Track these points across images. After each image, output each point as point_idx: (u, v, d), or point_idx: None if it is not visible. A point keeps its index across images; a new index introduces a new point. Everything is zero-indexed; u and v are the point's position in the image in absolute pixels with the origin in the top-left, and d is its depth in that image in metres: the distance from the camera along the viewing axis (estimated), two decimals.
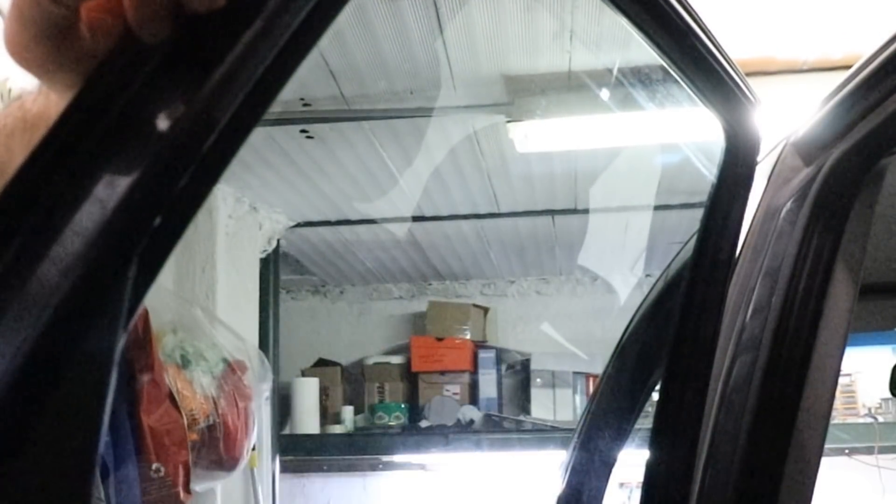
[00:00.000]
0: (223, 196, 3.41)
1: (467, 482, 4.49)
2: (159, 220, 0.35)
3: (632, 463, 1.17)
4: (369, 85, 2.62)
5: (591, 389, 4.43)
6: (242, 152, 0.39)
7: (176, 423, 2.59)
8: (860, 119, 0.93)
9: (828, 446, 0.95)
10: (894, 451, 3.98)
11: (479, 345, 4.81)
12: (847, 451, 3.99)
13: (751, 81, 0.90)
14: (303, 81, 2.55)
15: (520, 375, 4.80)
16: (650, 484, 0.96)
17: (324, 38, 0.42)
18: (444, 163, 3.23)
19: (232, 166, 0.39)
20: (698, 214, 0.96)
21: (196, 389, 2.79)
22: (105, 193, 0.34)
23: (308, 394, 4.46)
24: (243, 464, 3.05)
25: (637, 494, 0.97)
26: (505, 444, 4.35)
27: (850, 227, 0.96)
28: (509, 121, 2.71)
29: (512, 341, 4.96)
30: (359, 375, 4.84)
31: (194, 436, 2.72)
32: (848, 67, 0.96)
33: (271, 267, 3.97)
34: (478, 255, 4.61)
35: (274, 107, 0.40)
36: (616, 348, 1.33)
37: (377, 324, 5.12)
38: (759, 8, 2.30)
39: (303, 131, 2.95)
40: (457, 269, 4.87)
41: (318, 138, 3.01)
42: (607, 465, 1.30)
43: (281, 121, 2.80)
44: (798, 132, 1.07)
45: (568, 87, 2.62)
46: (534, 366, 4.64)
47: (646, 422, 1.11)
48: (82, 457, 0.36)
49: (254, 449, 3.24)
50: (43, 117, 0.49)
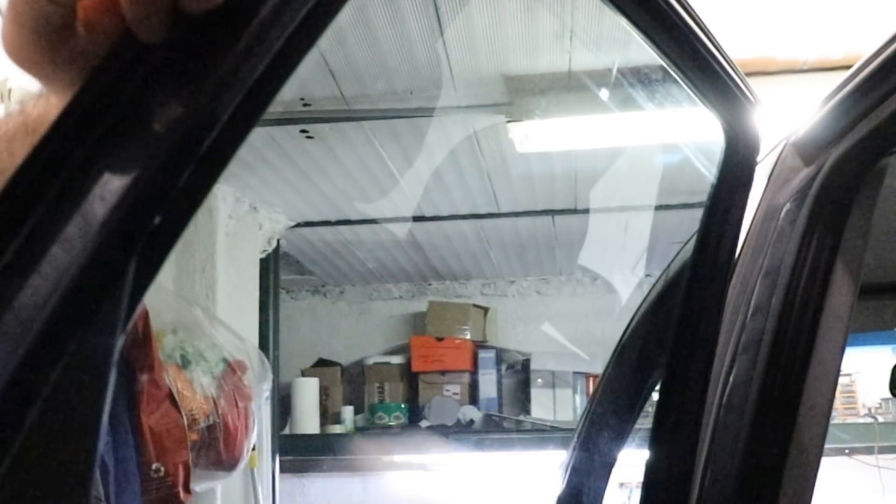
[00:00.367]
0: (223, 196, 3.41)
1: (467, 482, 4.49)
2: (158, 220, 0.35)
3: (632, 463, 1.17)
4: (369, 85, 2.62)
5: (591, 389, 4.42)
6: (242, 152, 0.39)
7: (176, 423, 2.59)
8: (860, 119, 0.93)
9: (828, 446, 0.95)
10: (894, 451, 3.98)
11: (479, 345, 4.81)
12: (847, 451, 3.99)
13: (751, 81, 0.90)
14: (303, 81, 2.55)
15: (520, 375, 4.80)
16: (650, 484, 0.96)
17: (324, 38, 0.42)
18: (444, 163, 3.23)
19: (232, 166, 0.39)
20: (698, 214, 0.96)
21: (196, 389, 2.79)
22: (104, 193, 0.34)
23: (308, 394, 4.46)
24: (243, 464, 3.05)
25: (637, 494, 0.97)
26: (505, 444, 4.35)
27: (850, 227, 0.96)
28: (509, 121, 2.71)
29: (512, 341, 4.96)
30: (359, 375, 4.84)
31: (194, 436, 2.72)
32: (848, 67, 0.96)
33: (271, 267, 3.97)
34: (478, 255, 4.61)
35: (274, 107, 0.40)
36: (616, 348, 1.33)
37: (377, 324, 5.12)
38: (759, 8, 2.30)
39: (303, 131, 2.95)
40: (457, 269, 4.87)
41: (318, 138, 3.01)
42: (607, 465, 1.30)
43: (281, 121, 2.80)
44: (798, 132, 1.07)
45: (568, 87, 2.62)
46: (534, 366, 4.64)
47: (646, 422, 1.11)
48: (82, 457, 0.37)
49: (254, 449, 3.24)
50: (44, 120, 0.49)
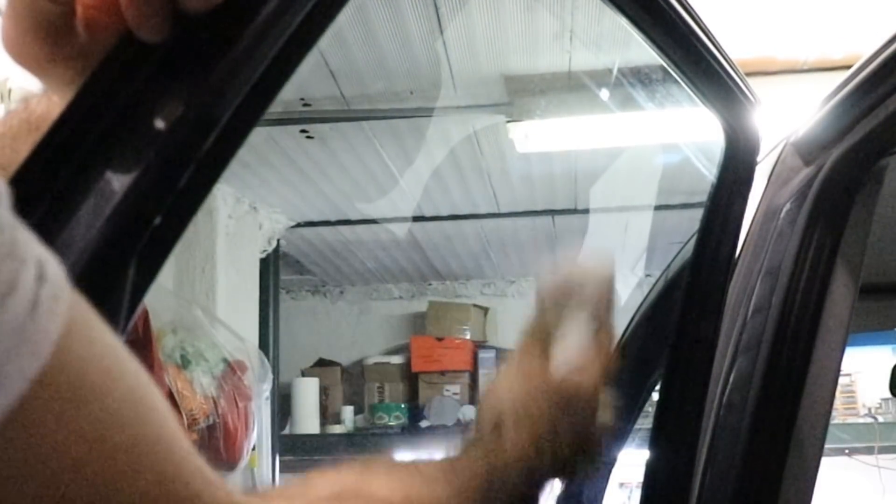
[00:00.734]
0: (223, 196, 3.41)
1: None
2: (159, 220, 0.35)
3: (632, 463, 1.17)
4: (369, 85, 2.62)
5: None
6: (242, 152, 0.39)
7: None
8: (860, 119, 0.93)
9: (828, 446, 0.95)
10: (894, 451, 3.98)
11: (479, 345, 4.81)
12: (847, 451, 3.99)
13: (751, 81, 0.90)
14: (303, 81, 2.54)
15: None
16: (650, 484, 0.96)
17: (324, 39, 0.42)
18: (444, 163, 3.23)
19: (232, 166, 0.39)
20: (698, 214, 0.96)
21: (196, 389, 2.79)
22: (104, 193, 0.34)
23: (308, 394, 4.46)
24: (243, 464, 3.05)
25: (637, 494, 0.97)
26: None
27: (850, 227, 0.96)
28: (509, 121, 2.71)
29: (512, 341, 4.95)
30: (359, 375, 4.84)
31: (194, 436, 2.72)
32: (848, 67, 0.96)
33: (271, 267, 3.97)
34: (478, 255, 4.60)
35: (274, 107, 0.40)
36: (616, 348, 1.33)
37: (377, 324, 5.12)
38: (759, 8, 2.29)
39: (303, 131, 2.95)
40: (457, 269, 4.87)
41: (318, 138, 3.01)
42: (607, 465, 1.30)
43: (281, 121, 2.79)
44: (798, 132, 1.07)
45: (568, 87, 2.62)
46: None
47: (646, 422, 1.11)
48: None
49: (254, 449, 3.24)
50: (46, 119, 0.49)
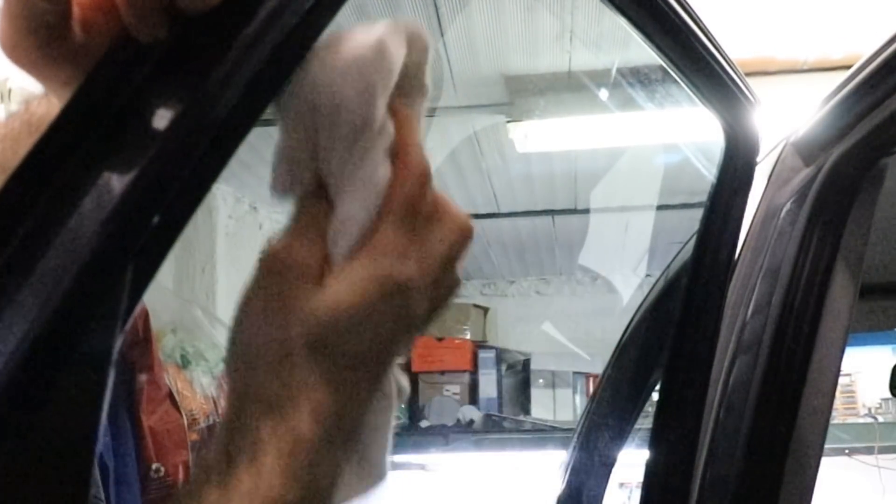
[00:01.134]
0: (223, 196, 3.41)
1: (467, 482, 4.49)
2: (157, 220, 0.35)
3: (632, 463, 1.17)
4: None
5: (591, 389, 4.43)
6: (242, 152, 0.38)
7: (176, 423, 2.59)
8: (860, 119, 0.93)
9: (828, 446, 0.95)
10: (894, 451, 3.98)
11: (479, 345, 4.81)
12: (847, 451, 3.99)
13: (751, 81, 0.89)
14: None
15: (520, 375, 4.80)
16: (650, 484, 0.96)
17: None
18: (444, 163, 3.23)
19: (232, 166, 0.38)
20: (698, 214, 0.96)
21: (196, 389, 2.79)
22: (102, 193, 0.34)
23: None
24: None
25: (637, 494, 0.97)
26: (505, 444, 4.35)
27: (850, 227, 0.96)
28: (509, 121, 2.71)
29: (512, 341, 4.96)
30: None
31: (194, 436, 2.72)
32: (848, 67, 0.95)
33: None
34: (478, 255, 4.61)
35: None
36: (616, 348, 1.33)
37: None
38: (759, 8, 2.29)
39: None
40: None
41: None
42: (607, 465, 1.30)
43: None
44: (798, 132, 1.07)
45: (568, 87, 2.62)
46: (534, 366, 4.64)
47: (646, 422, 1.11)
48: (81, 457, 0.36)
49: None
50: (46, 119, 0.49)
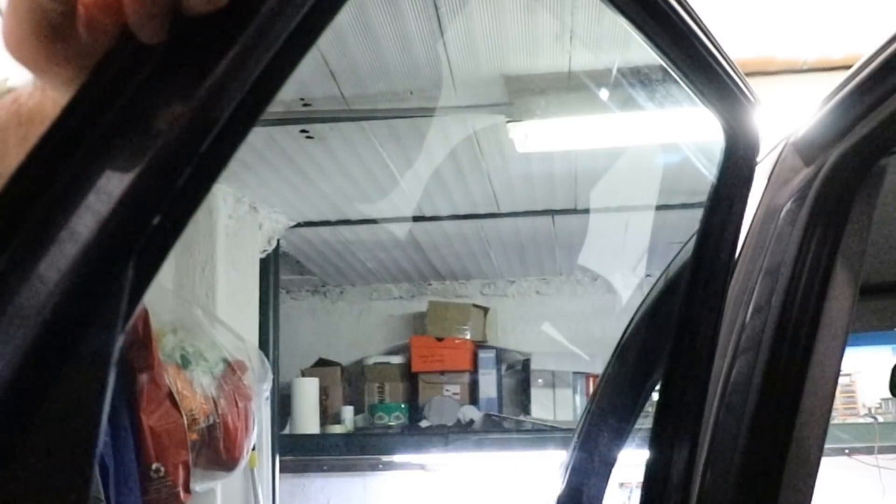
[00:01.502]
0: (223, 196, 3.41)
1: (467, 482, 4.49)
2: (158, 220, 0.35)
3: (632, 463, 1.17)
4: (369, 85, 2.62)
5: (591, 389, 4.43)
6: (242, 152, 0.39)
7: (176, 423, 2.60)
8: (860, 119, 0.93)
9: (828, 446, 0.95)
10: (894, 451, 3.99)
11: (479, 345, 4.81)
12: (847, 451, 3.99)
13: (751, 81, 0.90)
14: (303, 81, 2.55)
15: (520, 375, 4.80)
16: (650, 484, 0.96)
17: (323, 38, 0.42)
18: (444, 163, 3.23)
19: (232, 166, 0.39)
20: (698, 214, 0.96)
21: (196, 389, 2.79)
22: (103, 193, 0.34)
23: (308, 394, 4.46)
24: (243, 464, 3.05)
25: (637, 494, 0.97)
26: (505, 444, 4.35)
27: (850, 227, 0.96)
28: (509, 121, 2.71)
29: (512, 341, 4.96)
30: (359, 375, 4.85)
31: (194, 436, 2.72)
32: (848, 67, 0.95)
33: (271, 267, 3.97)
34: (478, 255, 4.61)
35: (274, 107, 0.40)
36: (616, 348, 1.33)
37: (377, 324, 5.12)
38: (759, 8, 2.29)
39: (303, 131, 2.95)
40: (457, 269, 4.87)
41: (318, 138, 3.01)
42: (607, 465, 1.30)
43: (281, 121, 2.80)
44: (798, 132, 1.07)
45: (568, 87, 2.62)
46: (534, 366, 4.65)
47: (646, 422, 1.11)
48: (81, 457, 0.36)
49: (254, 449, 3.24)
50: (38, 113, 0.49)
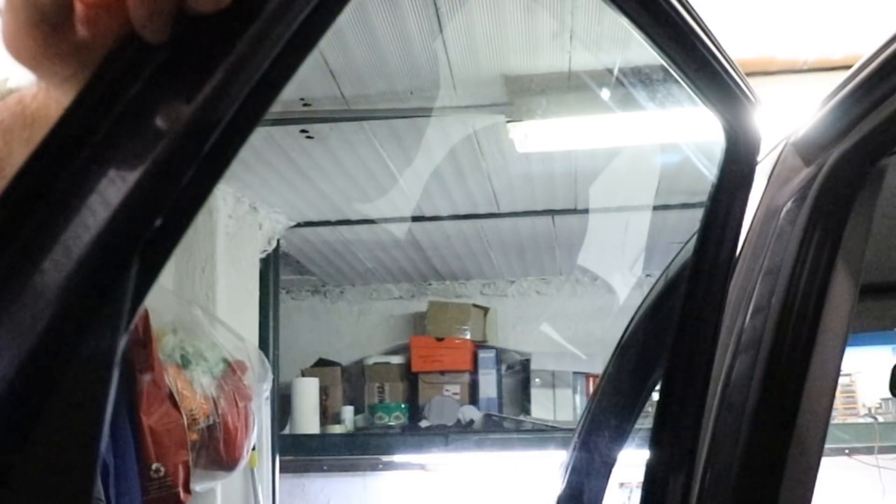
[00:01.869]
0: (223, 196, 3.41)
1: (467, 482, 4.49)
2: (161, 221, 0.35)
3: (632, 463, 1.17)
4: (369, 85, 2.62)
5: (591, 389, 4.42)
6: (242, 152, 0.39)
7: (176, 423, 2.59)
8: (860, 119, 0.93)
9: (828, 446, 0.95)
10: (894, 451, 3.99)
11: (479, 345, 4.81)
12: (847, 451, 3.99)
13: (751, 81, 0.90)
14: (303, 81, 2.54)
15: (520, 375, 4.80)
16: (650, 484, 0.96)
17: (324, 39, 0.42)
18: (444, 163, 3.23)
19: (232, 166, 0.39)
20: (698, 214, 0.96)
21: (196, 389, 2.79)
22: (106, 193, 0.34)
23: (308, 394, 4.46)
24: (243, 464, 3.05)
25: (637, 494, 0.97)
26: (505, 444, 4.35)
27: (850, 227, 0.96)
28: (509, 121, 2.71)
29: (512, 341, 4.96)
30: (359, 375, 4.85)
31: (194, 436, 2.72)
32: (848, 67, 0.96)
33: (271, 267, 3.97)
34: (478, 255, 4.61)
35: (274, 107, 0.40)
36: (616, 348, 1.33)
37: (377, 324, 5.12)
38: (759, 8, 2.29)
39: (303, 131, 2.95)
40: (457, 269, 4.87)
41: (318, 138, 3.01)
42: (607, 465, 1.30)
43: (281, 121, 2.79)
44: (798, 132, 1.07)
45: (568, 87, 2.62)
46: (534, 366, 4.64)
47: (646, 422, 1.11)
48: (83, 457, 0.37)
49: (254, 449, 3.24)
50: (42, 113, 0.49)
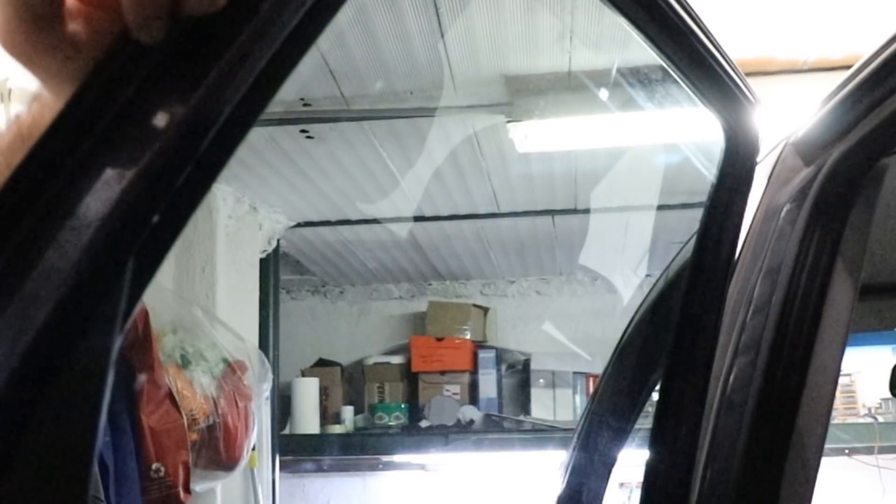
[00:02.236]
0: (223, 196, 3.41)
1: (467, 482, 4.49)
2: (157, 220, 0.35)
3: (632, 463, 1.17)
4: (369, 85, 2.62)
5: (591, 389, 4.42)
6: (242, 152, 0.39)
7: (176, 423, 2.59)
8: (860, 119, 0.93)
9: (828, 446, 0.95)
10: (894, 451, 3.98)
11: (479, 345, 4.81)
12: (847, 451, 3.99)
13: (751, 81, 0.90)
14: (303, 81, 2.54)
15: (520, 375, 4.80)
16: (650, 484, 0.96)
17: (323, 38, 0.42)
18: (444, 163, 3.23)
19: (232, 166, 0.39)
20: (698, 214, 0.96)
21: (196, 389, 2.79)
22: (103, 193, 0.34)
23: (308, 394, 4.46)
24: (243, 464, 3.05)
25: (637, 494, 0.97)
26: (505, 444, 4.35)
27: (850, 227, 0.96)
28: (509, 121, 2.71)
29: (512, 341, 4.96)
30: (359, 375, 4.85)
31: (194, 436, 2.72)
32: (848, 67, 0.95)
33: (271, 267, 3.97)
34: (478, 255, 4.61)
35: (274, 107, 0.40)
36: (616, 348, 1.33)
37: (377, 324, 5.12)
38: (759, 8, 2.29)
39: (303, 131, 2.95)
40: (457, 269, 4.87)
41: (318, 138, 3.01)
42: (607, 465, 1.30)
43: (281, 121, 2.79)
44: (798, 132, 1.07)
45: (568, 87, 2.62)
46: (534, 366, 4.64)
47: (646, 422, 1.11)
48: (80, 456, 0.36)
49: (254, 449, 3.24)
50: (36, 126, 0.49)
